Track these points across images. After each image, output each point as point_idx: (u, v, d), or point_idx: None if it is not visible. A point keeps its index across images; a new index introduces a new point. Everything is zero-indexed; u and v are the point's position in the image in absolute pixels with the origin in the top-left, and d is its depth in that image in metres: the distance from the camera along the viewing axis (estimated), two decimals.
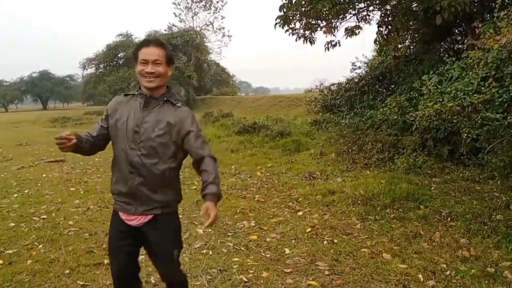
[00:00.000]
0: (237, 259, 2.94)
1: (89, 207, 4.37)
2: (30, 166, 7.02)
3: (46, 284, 2.61)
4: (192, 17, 35.82)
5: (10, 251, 3.13)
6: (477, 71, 3.96)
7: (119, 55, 27.05)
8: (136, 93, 1.72)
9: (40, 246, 3.24)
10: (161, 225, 1.73)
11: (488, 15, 6.10)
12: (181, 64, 26.15)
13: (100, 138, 1.75)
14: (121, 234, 1.76)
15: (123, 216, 1.74)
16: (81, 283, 2.61)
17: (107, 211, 4.20)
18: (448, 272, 2.63)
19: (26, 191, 5.14)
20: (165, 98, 1.70)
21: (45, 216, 4.05)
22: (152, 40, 1.70)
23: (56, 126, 18.92)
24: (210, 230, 3.58)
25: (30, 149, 9.38)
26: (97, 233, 3.55)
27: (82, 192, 5.12)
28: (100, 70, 27.58)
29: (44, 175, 6.21)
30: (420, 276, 2.59)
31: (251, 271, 2.74)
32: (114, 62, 27.21)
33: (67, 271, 2.77)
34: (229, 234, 3.49)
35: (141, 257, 2.97)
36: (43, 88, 51.37)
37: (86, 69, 29.03)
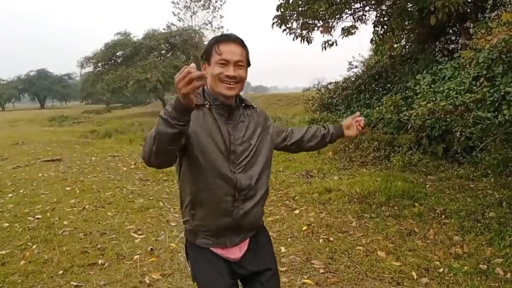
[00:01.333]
0: None
1: (85, 207, 4.36)
2: (26, 166, 6.98)
3: (39, 285, 2.60)
4: (191, 16, 35.66)
5: (3, 252, 3.12)
6: (469, 70, 4.00)
7: (118, 54, 26.92)
8: (206, 103, 1.31)
9: (34, 246, 3.23)
10: (260, 243, 1.47)
11: (481, 16, 6.13)
12: (180, 63, 26.09)
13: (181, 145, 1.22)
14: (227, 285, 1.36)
15: (218, 251, 1.37)
16: (75, 283, 2.60)
17: (102, 211, 4.20)
18: (441, 269, 2.65)
19: (21, 191, 5.11)
20: (243, 104, 1.42)
21: (39, 216, 4.03)
22: (231, 36, 1.33)
23: (53, 125, 18.84)
24: None
25: (26, 148, 9.32)
26: (92, 233, 3.54)
27: (78, 191, 5.10)
28: (99, 68, 27.42)
29: (40, 175, 6.18)
30: (413, 273, 2.61)
31: None
32: (113, 61, 27.06)
33: (61, 272, 2.76)
34: None
35: (136, 257, 2.99)
36: (40, 86, 51.17)
37: (84, 68, 28.88)
